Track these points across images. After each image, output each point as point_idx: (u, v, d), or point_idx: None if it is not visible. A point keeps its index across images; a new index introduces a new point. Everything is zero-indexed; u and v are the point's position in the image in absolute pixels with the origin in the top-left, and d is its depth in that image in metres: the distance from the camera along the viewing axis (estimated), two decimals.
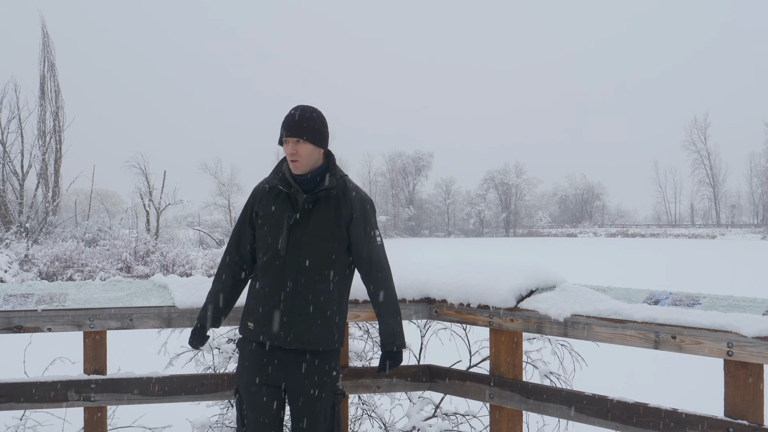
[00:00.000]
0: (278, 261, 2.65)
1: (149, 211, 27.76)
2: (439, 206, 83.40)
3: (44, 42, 28.19)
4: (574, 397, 2.77)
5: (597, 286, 2.94)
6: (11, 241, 19.49)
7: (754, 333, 2.28)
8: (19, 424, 3.80)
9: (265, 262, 2.68)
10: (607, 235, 66.34)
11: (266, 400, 2.69)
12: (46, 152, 26.79)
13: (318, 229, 2.65)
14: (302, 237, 2.64)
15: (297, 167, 2.66)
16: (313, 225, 2.65)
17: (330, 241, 2.66)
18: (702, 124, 77.13)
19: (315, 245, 2.64)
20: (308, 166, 2.68)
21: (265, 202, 2.73)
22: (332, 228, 2.66)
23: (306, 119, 2.66)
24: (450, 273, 3.27)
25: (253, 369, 2.70)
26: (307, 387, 2.67)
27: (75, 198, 37.53)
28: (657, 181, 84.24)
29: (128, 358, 5.04)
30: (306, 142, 2.65)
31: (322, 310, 2.66)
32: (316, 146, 2.67)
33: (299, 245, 2.64)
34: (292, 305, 2.63)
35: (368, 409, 3.96)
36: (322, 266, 2.65)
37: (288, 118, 2.67)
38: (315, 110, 2.72)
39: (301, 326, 2.63)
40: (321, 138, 2.70)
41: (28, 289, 3.16)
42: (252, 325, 2.69)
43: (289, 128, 2.65)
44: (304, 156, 2.65)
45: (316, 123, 2.69)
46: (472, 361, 3.90)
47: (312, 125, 2.67)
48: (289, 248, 2.63)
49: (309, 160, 2.67)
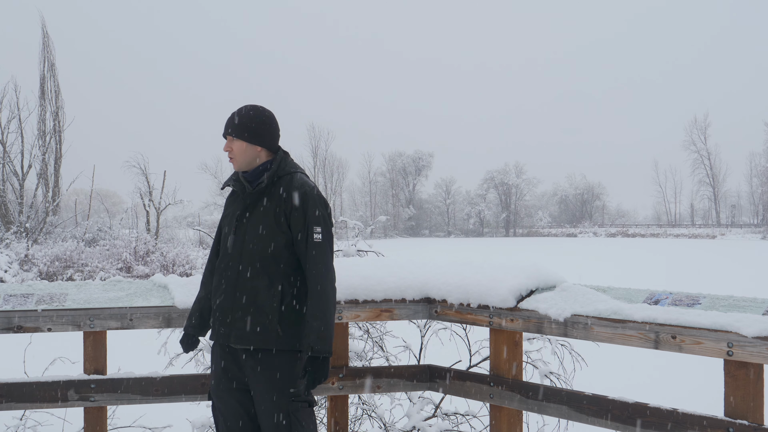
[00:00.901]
0: (225, 259, 2.70)
1: (149, 211, 27.74)
2: (439, 206, 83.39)
3: (44, 42, 28.19)
4: (574, 397, 2.77)
5: (597, 286, 2.94)
6: (11, 241, 19.49)
7: (754, 333, 2.28)
8: (19, 424, 3.80)
9: (219, 260, 2.75)
10: (607, 235, 66.34)
11: (232, 403, 2.67)
12: (46, 152, 26.79)
13: (258, 224, 2.64)
14: (245, 233, 2.66)
15: (233, 164, 2.73)
16: (255, 220, 2.66)
17: (270, 235, 2.61)
18: (702, 124, 77.20)
19: (255, 240, 2.63)
20: (245, 164, 2.70)
21: (226, 204, 2.83)
22: (272, 222, 2.62)
23: (241, 116, 2.69)
24: (450, 273, 3.27)
25: (215, 370, 2.72)
26: (260, 390, 2.61)
27: (75, 198, 37.54)
28: (657, 181, 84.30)
29: (128, 358, 5.04)
30: (237, 139, 2.69)
31: (261, 307, 2.58)
32: (249, 143, 2.68)
33: (242, 242, 2.66)
34: (233, 302, 2.63)
35: (368, 409, 3.96)
36: (263, 261, 2.60)
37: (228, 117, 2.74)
38: (255, 108, 2.72)
39: (240, 323, 2.60)
40: (254, 135, 2.67)
41: (28, 289, 3.16)
42: (211, 323, 2.73)
43: (225, 126, 2.73)
44: (237, 153, 2.69)
45: (250, 121, 2.68)
46: (472, 361, 3.90)
47: (244, 122, 2.68)
48: (235, 245, 2.67)
49: (243, 157, 2.69)
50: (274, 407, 2.59)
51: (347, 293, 3.17)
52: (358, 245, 4.94)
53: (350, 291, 3.18)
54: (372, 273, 3.28)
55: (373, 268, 3.36)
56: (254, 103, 2.75)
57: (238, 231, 2.68)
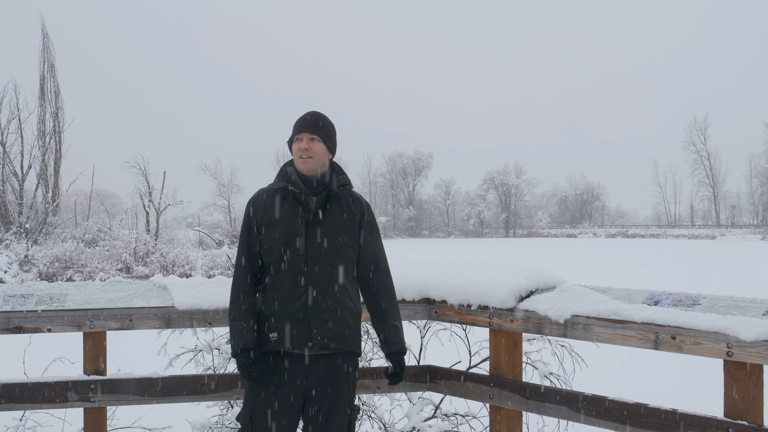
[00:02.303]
0: (297, 263, 2.58)
1: (149, 212, 27.75)
2: (438, 207, 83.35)
3: (44, 43, 28.21)
4: (574, 397, 2.77)
5: (597, 287, 2.94)
6: (11, 241, 19.49)
7: (751, 337, 2.28)
8: (18, 425, 3.80)
9: (282, 266, 2.59)
10: (606, 236, 66.34)
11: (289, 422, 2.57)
12: (46, 153, 26.80)
13: (334, 229, 2.63)
14: (320, 237, 2.60)
15: (307, 164, 2.63)
16: (329, 225, 2.62)
17: (346, 239, 2.65)
18: (702, 124, 77.14)
19: (334, 244, 2.61)
20: (318, 167, 2.66)
21: (270, 207, 2.65)
22: (347, 227, 2.66)
23: (324, 121, 2.70)
24: (450, 273, 3.27)
25: (274, 387, 2.55)
26: (329, 396, 2.58)
27: (75, 198, 37.53)
28: (657, 182, 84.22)
29: (128, 358, 5.03)
30: (320, 142, 2.65)
31: (349, 310, 2.63)
32: (327, 149, 2.68)
33: (319, 245, 2.59)
34: (320, 307, 2.56)
35: (368, 409, 3.96)
36: (343, 265, 2.63)
37: (305, 117, 2.68)
38: (327, 117, 2.75)
39: (331, 324, 2.56)
40: (333, 143, 2.72)
41: (27, 290, 3.16)
42: (275, 335, 2.55)
43: (306, 125, 2.65)
44: (317, 154, 2.64)
45: (330, 126, 2.72)
46: (472, 361, 3.90)
47: (328, 128, 2.70)
48: (308, 249, 2.59)
49: (320, 160, 2.65)
50: (341, 412, 2.60)
51: None
52: None
53: None
54: None
55: None
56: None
57: (310, 234, 2.59)
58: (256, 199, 2.71)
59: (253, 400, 2.58)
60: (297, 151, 2.65)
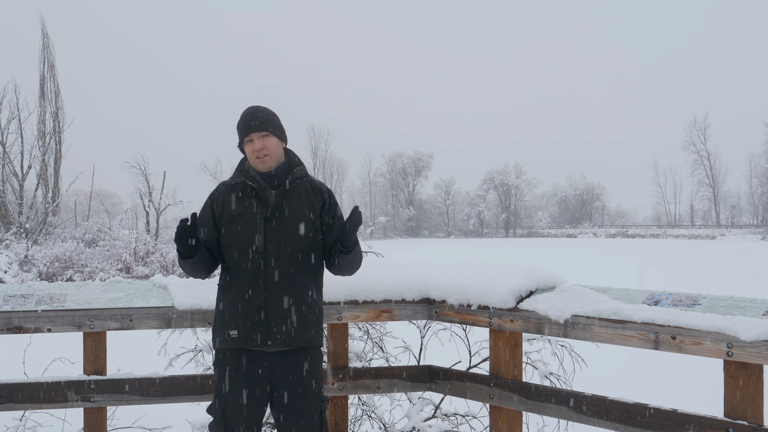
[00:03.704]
0: (257, 259, 2.57)
1: (149, 212, 27.74)
2: (438, 207, 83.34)
3: (44, 43, 28.21)
4: (574, 397, 2.77)
5: (597, 287, 2.94)
6: (11, 241, 19.48)
7: (751, 337, 2.28)
8: (18, 425, 3.80)
9: (241, 261, 2.58)
10: (606, 236, 66.32)
11: (255, 414, 2.60)
12: (46, 153, 26.80)
13: (294, 222, 2.61)
14: (279, 231, 2.59)
15: (266, 162, 2.60)
16: (289, 218, 2.61)
17: (306, 232, 2.63)
18: (702, 124, 77.12)
19: (293, 238, 2.60)
20: (275, 162, 2.64)
21: (228, 203, 2.63)
22: (307, 219, 2.64)
23: (266, 113, 2.65)
24: (450, 273, 3.27)
25: (239, 382, 2.58)
26: (297, 391, 2.60)
27: (75, 198, 37.52)
28: (657, 182, 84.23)
29: (128, 358, 5.04)
30: (272, 135, 2.62)
31: (309, 305, 2.63)
32: (280, 140, 2.66)
33: (277, 240, 2.58)
34: (280, 303, 2.56)
35: (368, 409, 3.96)
36: (303, 258, 2.62)
37: (247, 116, 2.62)
38: (268, 108, 2.70)
39: (290, 323, 2.57)
40: (282, 132, 2.69)
41: (27, 290, 3.16)
42: (235, 332, 2.56)
43: (252, 124, 2.60)
44: (273, 150, 2.61)
45: (275, 117, 2.68)
46: (472, 361, 3.90)
47: (273, 119, 2.65)
48: (267, 244, 2.57)
49: (276, 154, 2.63)
50: (310, 407, 2.62)
51: (347, 294, 3.17)
52: None
53: (350, 292, 3.18)
54: (372, 274, 3.28)
55: (373, 268, 3.36)
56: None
57: (269, 229, 2.58)
58: (215, 193, 2.68)
59: (220, 394, 2.60)
60: (252, 153, 2.60)
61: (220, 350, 2.63)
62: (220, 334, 2.62)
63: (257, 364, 2.58)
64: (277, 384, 2.60)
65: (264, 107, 2.68)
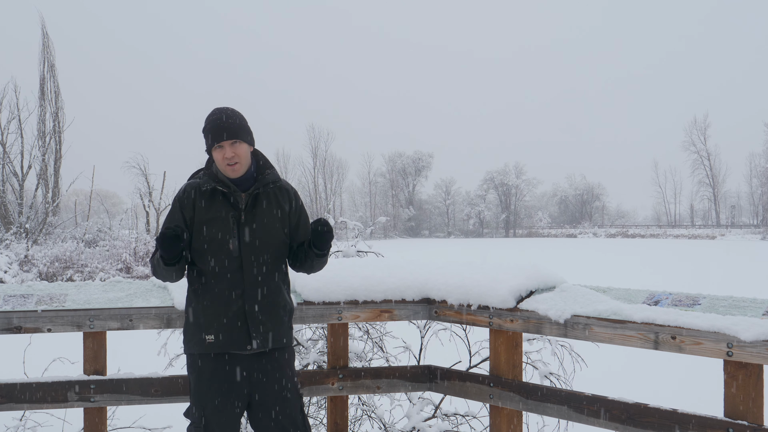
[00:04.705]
0: (231, 263, 2.54)
1: (149, 212, 27.76)
2: (438, 207, 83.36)
3: (44, 43, 28.20)
4: (574, 397, 2.77)
5: (597, 287, 2.94)
6: (11, 241, 19.49)
7: (751, 337, 2.28)
8: (19, 425, 3.80)
9: (216, 266, 2.54)
10: (606, 236, 66.32)
11: (234, 417, 2.59)
12: (46, 153, 26.79)
13: (266, 225, 2.60)
14: (253, 235, 2.57)
15: (236, 171, 2.56)
16: (260, 222, 2.59)
17: (278, 235, 2.63)
18: (702, 124, 77.15)
19: (267, 242, 2.59)
20: (245, 168, 2.60)
21: (199, 208, 2.57)
22: (278, 221, 2.64)
23: (236, 118, 2.59)
24: (450, 273, 3.27)
25: (217, 386, 2.55)
26: (276, 390, 2.61)
27: (75, 198, 37.52)
28: (657, 182, 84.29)
29: (128, 358, 5.04)
30: (242, 143, 2.58)
31: (283, 307, 2.65)
32: (249, 145, 2.63)
33: (251, 244, 2.57)
34: (257, 306, 2.56)
35: (368, 409, 3.96)
36: (275, 261, 2.63)
37: (216, 121, 2.56)
38: (236, 110, 2.65)
39: (268, 325, 2.58)
40: (251, 136, 2.66)
41: (27, 290, 3.16)
42: (212, 337, 2.53)
43: (224, 131, 2.54)
44: (243, 156, 2.57)
45: (244, 121, 2.63)
46: (472, 361, 3.90)
47: (242, 124, 2.61)
48: (242, 248, 2.55)
49: (246, 161, 2.60)
50: (290, 405, 2.63)
51: (347, 294, 3.17)
52: (358, 246, 4.94)
53: (350, 291, 3.18)
54: (372, 274, 3.28)
55: (373, 268, 3.36)
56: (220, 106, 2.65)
57: (242, 233, 2.56)
58: (183, 196, 2.60)
59: (197, 398, 2.58)
60: (222, 159, 2.55)
61: (194, 355, 2.60)
62: (193, 338, 2.58)
63: (234, 367, 2.58)
64: (256, 385, 2.60)
65: (232, 111, 2.62)
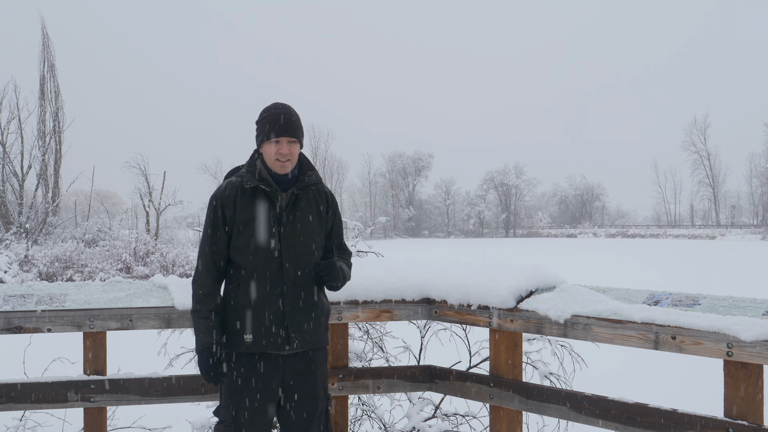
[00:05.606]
0: (271, 263, 2.55)
1: (149, 212, 27.74)
2: (438, 207, 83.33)
3: (44, 43, 28.22)
4: (574, 397, 2.77)
5: (597, 287, 2.94)
6: (11, 241, 19.48)
7: (751, 337, 2.28)
8: (18, 425, 3.80)
9: (256, 265, 2.54)
10: (606, 236, 66.31)
11: (266, 417, 2.59)
12: (46, 153, 26.80)
13: (306, 227, 2.62)
14: (292, 236, 2.58)
15: (286, 167, 2.59)
16: (301, 223, 2.61)
17: (316, 235, 2.65)
18: (702, 124, 77.15)
19: (305, 242, 2.61)
20: (293, 166, 2.63)
21: (240, 205, 2.57)
22: (316, 224, 2.66)
23: (298, 119, 2.63)
24: (450, 273, 3.27)
25: (252, 385, 2.55)
26: (307, 390, 2.62)
27: (75, 198, 37.52)
28: (657, 182, 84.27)
29: (128, 358, 5.04)
30: (297, 143, 2.61)
31: (320, 307, 2.67)
32: (301, 146, 2.66)
33: (291, 244, 2.57)
34: (296, 306, 2.57)
35: (368, 409, 3.96)
36: (311, 262, 2.63)
37: (279, 117, 2.57)
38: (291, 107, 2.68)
39: (307, 326, 2.59)
40: (304, 138, 2.69)
41: (27, 290, 3.16)
42: (250, 337, 2.53)
43: (284, 128, 2.56)
44: (295, 156, 2.62)
45: (301, 122, 2.67)
46: (472, 361, 3.90)
47: (301, 125, 2.66)
48: (282, 248, 2.56)
49: (296, 159, 2.64)
50: (319, 406, 2.65)
51: (347, 294, 3.17)
52: (358, 246, 4.95)
53: (350, 291, 3.18)
54: (371, 274, 3.28)
55: (373, 268, 3.36)
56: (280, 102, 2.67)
57: (283, 232, 2.56)
58: (223, 194, 2.60)
59: (231, 397, 2.57)
60: (275, 154, 2.56)
61: (232, 353, 2.59)
62: (232, 337, 2.57)
63: (270, 367, 2.58)
64: (288, 385, 2.61)
65: (293, 109, 2.65)
